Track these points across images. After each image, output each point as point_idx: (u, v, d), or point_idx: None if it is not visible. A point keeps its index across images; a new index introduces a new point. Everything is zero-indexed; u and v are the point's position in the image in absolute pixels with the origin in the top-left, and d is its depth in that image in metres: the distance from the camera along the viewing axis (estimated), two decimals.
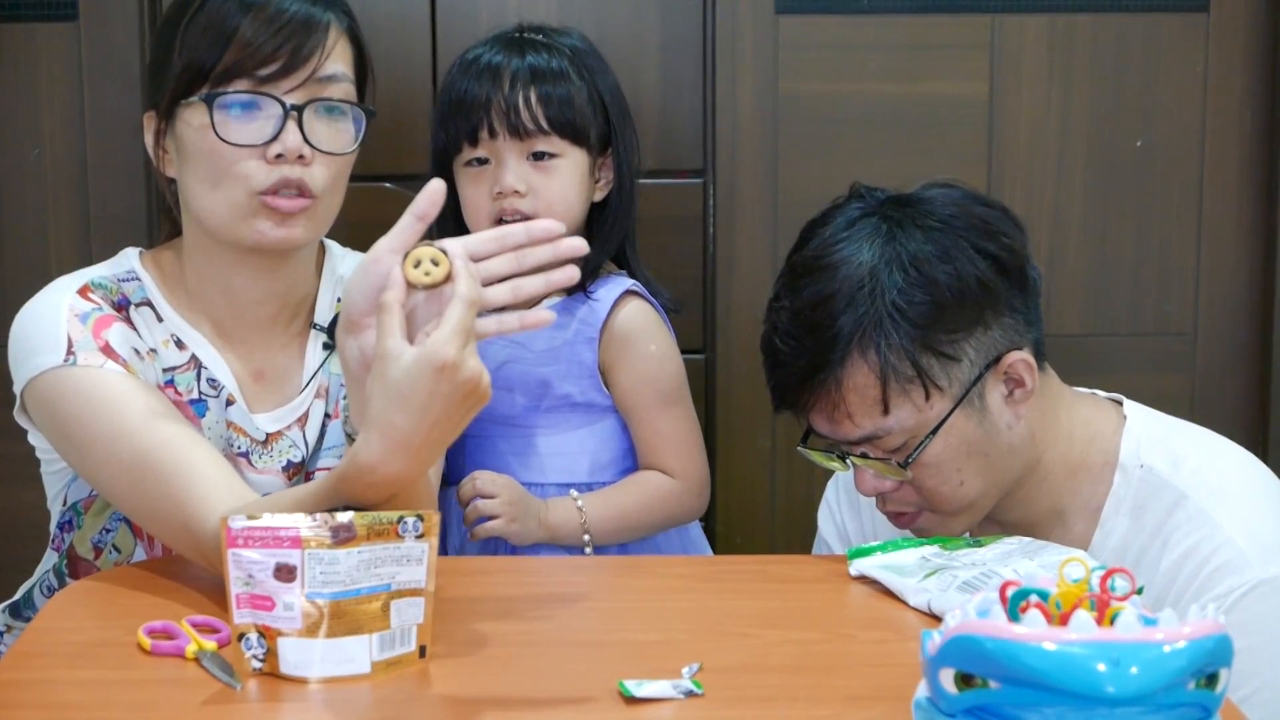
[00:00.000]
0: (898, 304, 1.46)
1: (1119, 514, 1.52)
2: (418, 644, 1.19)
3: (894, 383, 1.46)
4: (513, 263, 1.27)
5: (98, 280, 1.54)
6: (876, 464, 1.51)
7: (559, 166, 1.77)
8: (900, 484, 1.52)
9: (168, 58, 1.50)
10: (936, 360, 1.46)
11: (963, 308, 1.47)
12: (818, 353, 1.48)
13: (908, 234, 1.48)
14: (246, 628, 1.15)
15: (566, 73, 1.79)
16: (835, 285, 1.48)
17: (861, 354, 1.46)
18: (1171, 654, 0.90)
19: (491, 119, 1.76)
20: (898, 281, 1.46)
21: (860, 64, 2.22)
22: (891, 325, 1.46)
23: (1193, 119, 2.25)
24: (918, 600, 1.34)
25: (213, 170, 1.48)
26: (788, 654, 1.25)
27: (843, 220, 1.52)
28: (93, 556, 1.60)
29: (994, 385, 1.49)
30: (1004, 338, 1.49)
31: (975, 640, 0.92)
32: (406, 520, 1.17)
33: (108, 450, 1.43)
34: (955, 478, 1.50)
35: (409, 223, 1.25)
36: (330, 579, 1.14)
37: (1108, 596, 0.97)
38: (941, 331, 1.46)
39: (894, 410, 1.47)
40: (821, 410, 1.51)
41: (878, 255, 1.48)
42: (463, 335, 1.20)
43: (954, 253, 1.47)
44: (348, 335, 1.27)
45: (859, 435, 1.49)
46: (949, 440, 1.48)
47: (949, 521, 1.53)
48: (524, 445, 1.81)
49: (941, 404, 1.47)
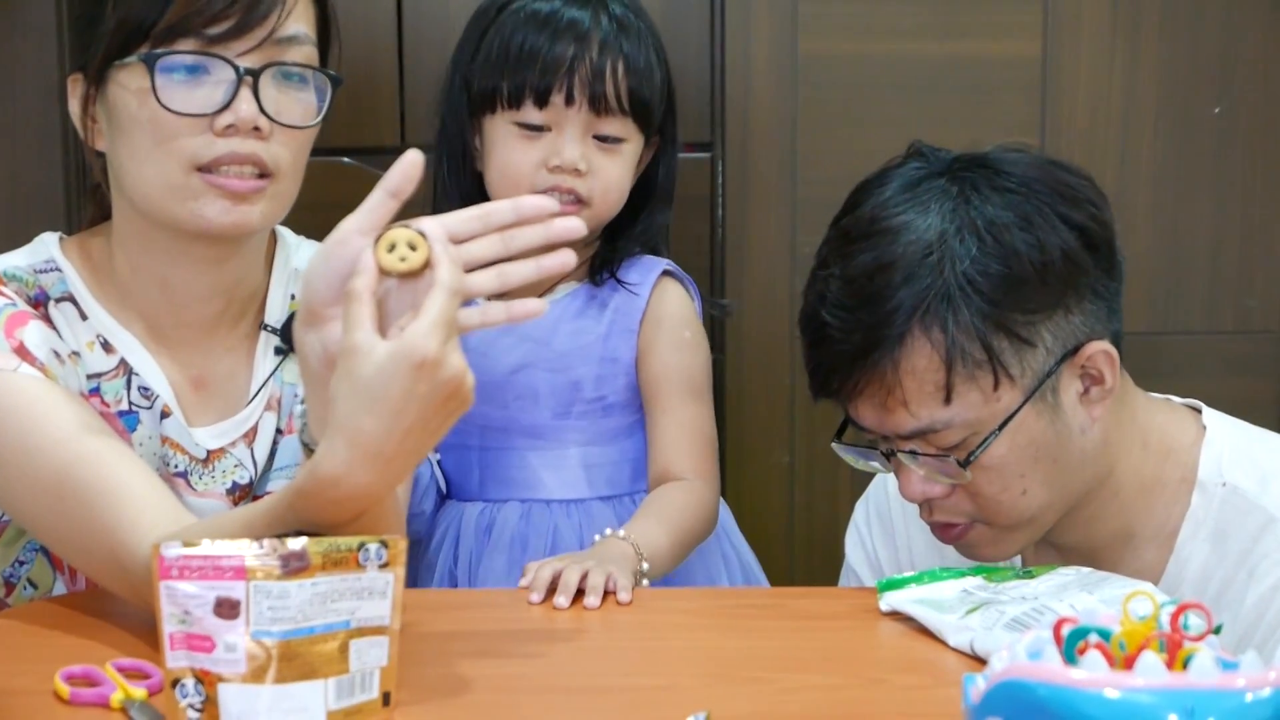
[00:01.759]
0: (970, 275, 1.44)
1: (1197, 539, 1.52)
2: (380, 690, 1.19)
3: (960, 367, 1.45)
4: (499, 245, 1.27)
5: (11, 270, 1.54)
6: (929, 464, 1.50)
7: (622, 151, 1.82)
8: (953, 489, 1.51)
9: (100, 11, 1.49)
10: (1010, 343, 1.45)
11: (1043, 284, 1.46)
12: (872, 328, 1.46)
13: (983, 197, 1.47)
14: (182, 672, 1.15)
15: (650, 47, 1.82)
16: (896, 252, 1.47)
17: (924, 331, 1.45)
18: (1255, 704, 0.90)
19: (573, 84, 1.77)
20: (970, 250, 1.45)
21: (892, 20, 2.23)
22: (962, 299, 1.44)
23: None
24: (959, 640, 1.34)
25: (149, 141, 1.47)
26: (808, 702, 1.25)
27: (902, 181, 1.52)
28: (3, 593, 1.60)
29: (1070, 380, 1.49)
30: (1084, 325, 1.48)
31: (1026, 686, 0.92)
32: (369, 547, 1.17)
33: (21, 467, 1.43)
34: (1018, 485, 1.49)
35: (381, 199, 1.25)
36: (279, 615, 1.14)
37: (1180, 636, 0.97)
38: (1018, 310, 1.45)
39: (957, 399, 1.46)
40: (871, 397, 1.49)
41: (947, 219, 1.47)
42: (444, 328, 1.19)
43: (1036, 220, 1.46)
44: (308, 329, 1.27)
45: (913, 428, 1.49)
46: (1016, 440, 1.47)
47: (1004, 538, 1.53)
48: (557, 459, 1.83)
49: (1011, 396, 1.46)
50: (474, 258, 1.27)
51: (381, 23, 2.21)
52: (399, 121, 2.22)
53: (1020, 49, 2.24)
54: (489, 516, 1.86)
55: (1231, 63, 2.25)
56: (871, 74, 2.23)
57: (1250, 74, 2.26)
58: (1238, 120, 2.26)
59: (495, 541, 1.83)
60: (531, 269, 1.29)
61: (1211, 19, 2.24)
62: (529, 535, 1.84)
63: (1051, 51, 2.24)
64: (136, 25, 1.47)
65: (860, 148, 2.23)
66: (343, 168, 2.12)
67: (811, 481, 2.29)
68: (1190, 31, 2.24)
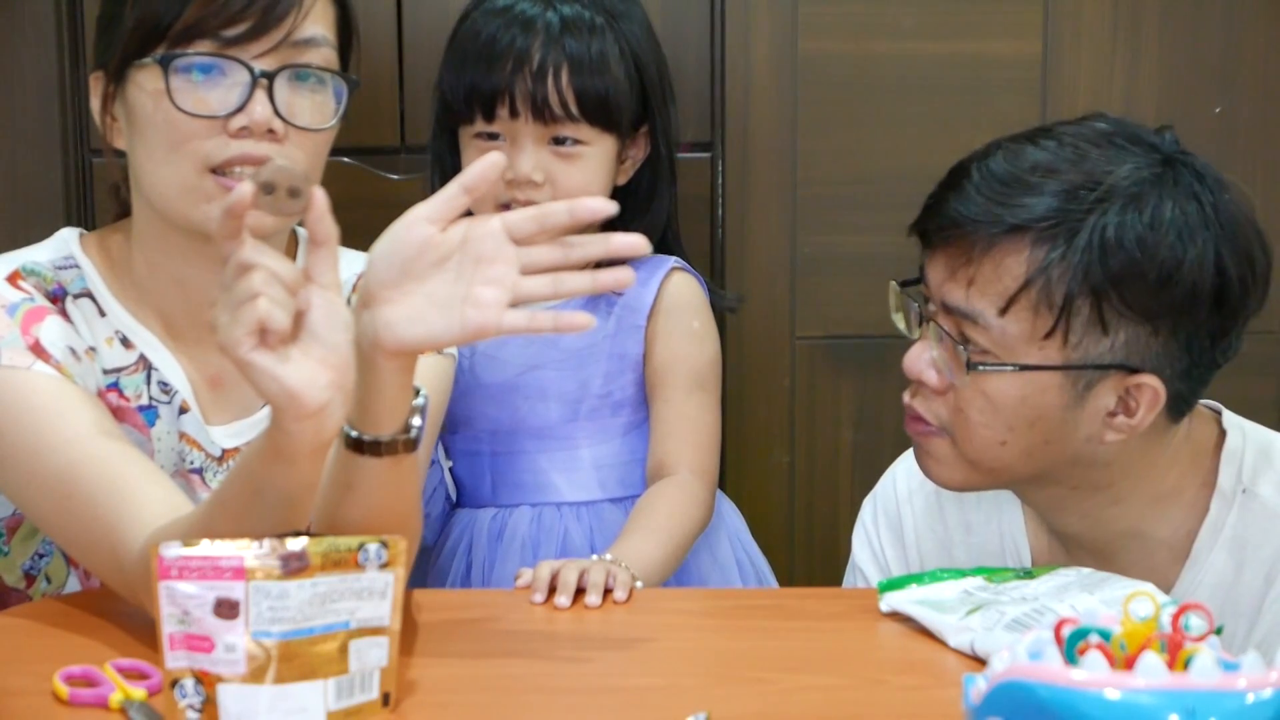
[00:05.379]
0: (1106, 235, 1.41)
1: (1215, 547, 1.51)
2: (381, 691, 1.19)
3: (1034, 293, 1.42)
4: (558, 253, 1.29)
5: (31, 266, 1.54)
6: (943, 348, 1.48)
7: (584, 154, 1.80)
8: (947, 387, 1.49)
9: (120, 10, 1.49)
10: (1089, 314, 1.42)
11: (1154, 294, 1.42)
12: (997, 203, 1.44)
13: (1172, 190, 1.44)
14: (181, 673, 1.15)
15: (610, 42, 1.79)
16: (1066, 166, 1.44)
17: (1033, 241, 1.42)
18: (1256, 704, 0.90)
19: (514, 95, 1.76)
20: (1125, 217, 1.41)
21: (892, 20, 2.23)
22: (1084, 246, 1.41)
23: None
24: (959, 640, 1.34)
25: (164, 143, 1.47)
26: (808, 703, 1.25)
27: (1130, 131, 1.49)
28: (24, 585, 1.60)
29: (1107, 390, 1.45)
30: (1157, 356, 1.44)
31: (1026, 687, 0.92)
32: (368, 548, 1.17)
33: (31, 465, 1.43)
34: (1002, 431, 1.47)
35: (455, 192, 1.29)
36: (279, 616, 1.14)
37: (1181, 637, 0.97)
38: (1119, 296, 1.42)
39: (1010, 316, 1.43)
40: (952, 257, 1.47)
41: (1128, 181, 1.43)
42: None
43: (1197, 243, 1.42)
44: (365, 309, 1.29)
45: (959, 306, 1.46)
46: (1024, 392, 1.45)
47: (960, 467, 1.51)
48: (567, 460, 1.83)
49: (1051, 354, 1.44)
50: (533, 262, 1.29)
51: (381, 23, 2.21)
52: (399, 121, 2.22)
53: (1020, 49, 2.24)
54: (501, 522, 1.86)
55: (1231, 63, 2.25)
56: (871, 74, 2.23)
57: (1250, 74, 2.25)
58: (1238, 120, 2.26)
59: (507, 546, 1.83)
60: (587, 281, 1.30)
61: (1211, 19, 2.24)
62: (540, 539, 1.83)
63: (1051, 51, 2.24)
64: (154, 26, 1.47)
65: (860, 148, 2.24)
66: (343, 168, 2.12)
67: (811, 481, 2.29)
68: (1190, 31, 2.24)
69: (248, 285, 1.19)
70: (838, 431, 2.30)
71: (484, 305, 1.27)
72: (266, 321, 1.18)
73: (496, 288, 1.28)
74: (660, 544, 1.70)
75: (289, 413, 1.21)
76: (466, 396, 1.84)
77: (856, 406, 2.30)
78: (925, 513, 1.68)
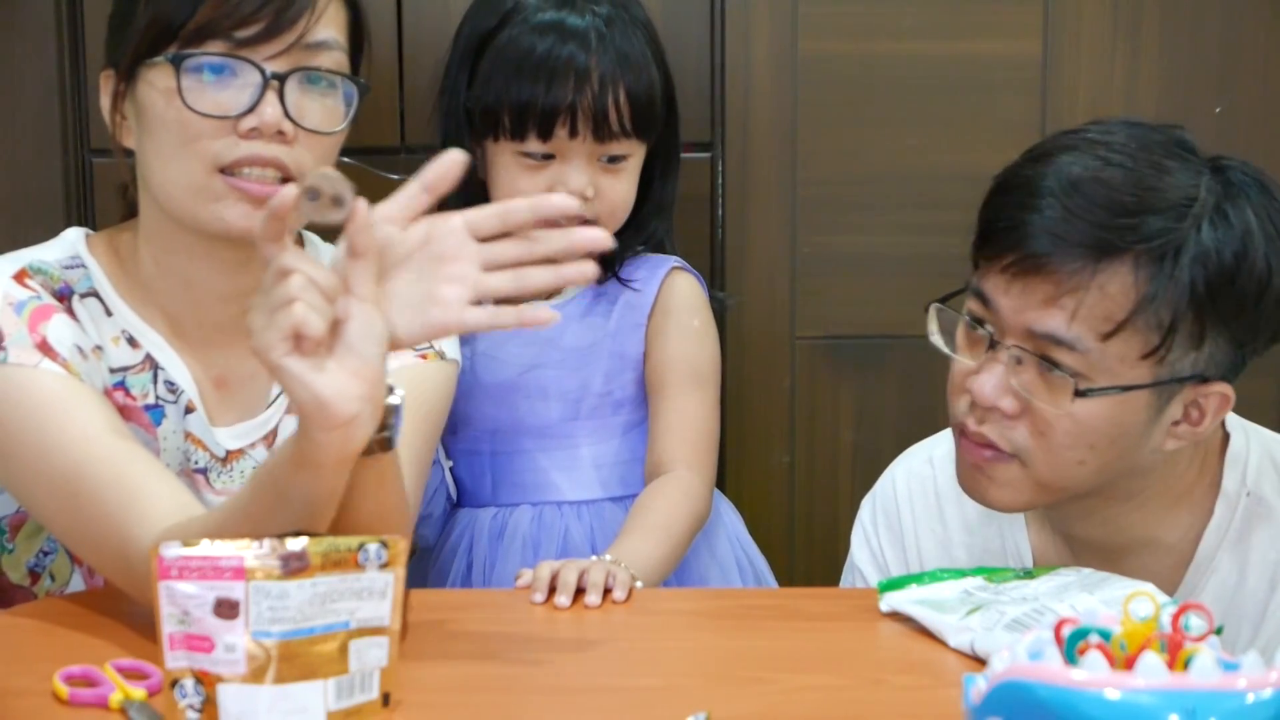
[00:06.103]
0: (1207, 248, 1.38)
1: (1220, 549, 1.51)
2: (381, 691, 1.19)
3: (1143, 315, 1.37)
4: (521, 249, 1.29)
5: (38, 264, 1.54)
6: (1028, 373, 1.41)
7: (626, 167, 1.82)
8: (1022, 411, 1.43)
9: (133, 9, 1.50)
10: (1190, 330, 1.39)
11: (1249, 305, 1.40)
12: (1100, 226, 1.37)
13: (1244, 196, 1.42)
14: (181, 673, 1.15)
15: (647, 57, 1.81)
16: (1161, 181, 1.39)
17: (1142, 263, 1.37)
18: (1257, 704, 0.90)
19: (576, 118, 1.77)
20: (1218, 230, 1.38)
21: (892, 20, 2.23)
22: (1189, 261, 1.37)
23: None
24: (959, 640, 1.34)
25: (174, 142, 1.48)
26: (808, 703, 1.25)
27: (1169, 144, 1.45)
28: (29, 583, 1.60)
29: (1179, 400, 1.43)
30: (1225, 364, 1.43)
31: (1026, 687, 0.92)
32: (368, 548, 1.17)
33: (37, 463, 1.43)
34: (1084, 451, 1.43)
35: (414, 192, 1.28)
36: (279, 616, 1.14)
37: (1181, 637, 0.97)
38: (1217, 310, 1.39)
39: (1117, 340, 1.38)
40: (1050, 284, 1.39)
41: (1209, 191, 1.40)
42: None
43: (1277, 248, 1.41)
44: None
45: (1055, 333, 1.39)
46: (1116, 413, 1.41)
47: (1027, 490, 1.46)
48: (567, 459, 1.84)
49: (1148, 372, 1.40)
50: (495, 258, 1.28)
51: (381, 23, 2.20)
52: (399, 121, 2.22)
53: (1020, 49, 2.24)
54: (501, 521, 1.86)
55: (1231, 63, 2.25)
56: (871, 74, 2.23)
57: (1250, 74, 2.25)
58: (1238, 120, 2.26)
59: (508, 546, 1.83)
60: (550, 276, 1.30)
61: (1211, 19, 2.24)
62: (540, 538, 1.84)
63: (1051, 51, 2.24)
64: (166, 25, 1.47)
65: (860, 148, 2.24)
66: (342, 167, 2.11)
67: (811, 481, 2.29)
68: (1190, 31, 2.24)
69: (285, 290, 1.19)
70: (838, 431, 2.30)
71: (445, 303, 1.27)
72: (302, 327, 1.18)
73: (458, 285, 1.28)
74: (659, 543, 1.70)
75: (318, 422, 1.21)
76: (467, 396, 1.84)
77: (856, 406, 2.30)
78: (925, 513, 1.68)
